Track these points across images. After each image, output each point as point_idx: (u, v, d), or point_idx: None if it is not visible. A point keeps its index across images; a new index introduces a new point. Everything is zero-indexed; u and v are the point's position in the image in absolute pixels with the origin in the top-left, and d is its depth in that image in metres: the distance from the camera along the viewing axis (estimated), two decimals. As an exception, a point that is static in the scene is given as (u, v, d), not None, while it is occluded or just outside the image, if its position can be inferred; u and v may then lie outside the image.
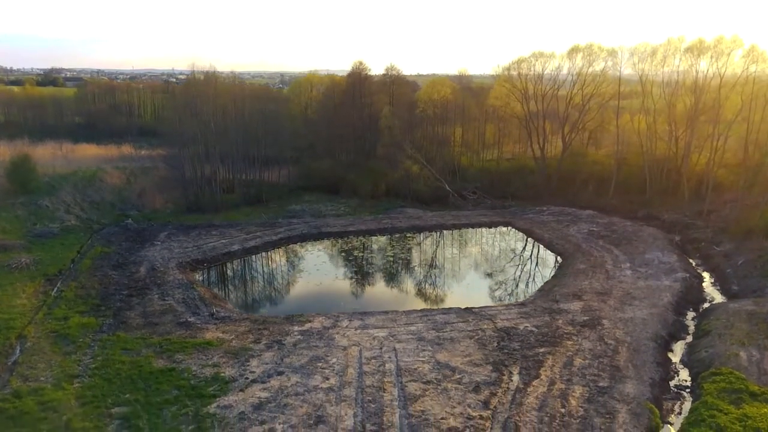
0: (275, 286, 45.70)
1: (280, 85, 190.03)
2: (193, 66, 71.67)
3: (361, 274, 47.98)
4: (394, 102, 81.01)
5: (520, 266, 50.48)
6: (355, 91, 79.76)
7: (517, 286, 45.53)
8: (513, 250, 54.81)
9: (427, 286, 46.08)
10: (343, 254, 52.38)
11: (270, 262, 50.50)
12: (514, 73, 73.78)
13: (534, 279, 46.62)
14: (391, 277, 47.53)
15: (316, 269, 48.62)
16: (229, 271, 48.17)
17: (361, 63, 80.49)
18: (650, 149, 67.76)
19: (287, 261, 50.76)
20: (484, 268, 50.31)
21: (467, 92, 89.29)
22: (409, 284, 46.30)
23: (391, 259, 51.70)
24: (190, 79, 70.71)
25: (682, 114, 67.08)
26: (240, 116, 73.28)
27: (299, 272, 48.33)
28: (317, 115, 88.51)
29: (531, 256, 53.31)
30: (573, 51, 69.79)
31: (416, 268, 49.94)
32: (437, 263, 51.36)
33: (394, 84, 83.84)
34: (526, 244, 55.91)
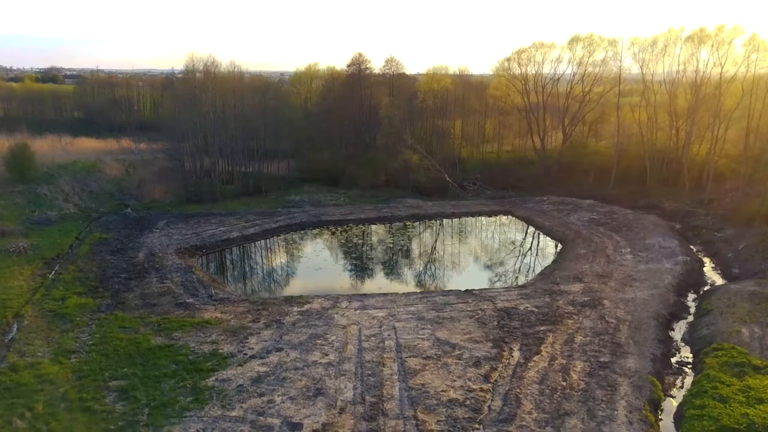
0: (274, 271, 45.49)
1: (280, 84, 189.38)
2: (192, 57, 71.34)
3: (361, 260, 47.81)
4: (394, 93, 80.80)
5: (519, 252, 50.28)
6: (355, 83, 79.55)
7: (517, 270, 45.32)
8: (513, 237, 54.63)
9: (426, 271, 45.89)
10: (342, 241, 52.20)
11: (269, 249, 50.30)
12: (515, 63, 73.61)
13: (534, 264, 46.42)
14: (391, 263, 47.32)
15: (316, 255, 48.50)
16: (227, 257, 47.96)
17: (361, 55, 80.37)
18: (651, 140, 67.57)
19: (286, 247, 50.55)
20: (483, 254, 50.17)
21: (467, 86, 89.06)
22: (408, 269, 46.08)
23: (391, 245, 51.55)
24: (189, 68, 70.35)
25: (682, 104, 66.95)
26: (240, 107, 73.09)
27: (298, 258, 48.19)
28: (317, 107, 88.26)
29: (531, 242, 53.13)
30: (573, 41, 69.68)
31: (416, 254, 49.76)
32: (437, 250, 51.19)
33: (394, 76, 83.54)
34: (526, 232, 55.72)
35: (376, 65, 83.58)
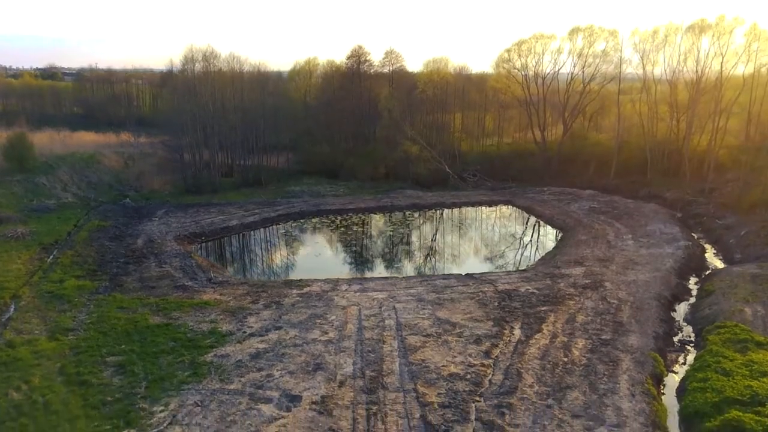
0: (273, 257, 45.27)
1: (279, 82, 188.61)
2: (191, 48, 71.11)
3: (361, 247, 47.63)
4: (393, 84, 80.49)
5: (520, 239, 50.11)
6: (354, 75, 79.26)
7: (518, 256, 45.12)
8: (513, 225, 54.48)
9: (427, 257, 45.65)
10: (342, 229, 51.95)
11: (268, 236, 50.10)
12: (515, 54, 73.38)
13: (535, 251, 46.25)
14: (391, 250, 47.09)
15: (315, 243, 48.39)
16: (227, 244, 47.71)
17: (360, 47, 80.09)
18: (651, 131, 67.34)
19: (285, 235, 50.30)
20: (484, 241, 50.00)
21: (468, 81, 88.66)
22: (408, 256, 45.88)
23: (391, 233, 51.37)
24: (188, 58, 70.03)
25: (683, 95, 66.74)
26: (239, 99, 72.93)
27: (298, 245, 48.01)
28: (317, 100, 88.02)
29: (531, 230, 52.93)
30: (573, 32, 69.43)
31: (416, 241, 49.59)
32: (437, 237, 51.00)
33: (394, 69, 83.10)
34: (527, 221, 55.53)
35: (376, 58, 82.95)
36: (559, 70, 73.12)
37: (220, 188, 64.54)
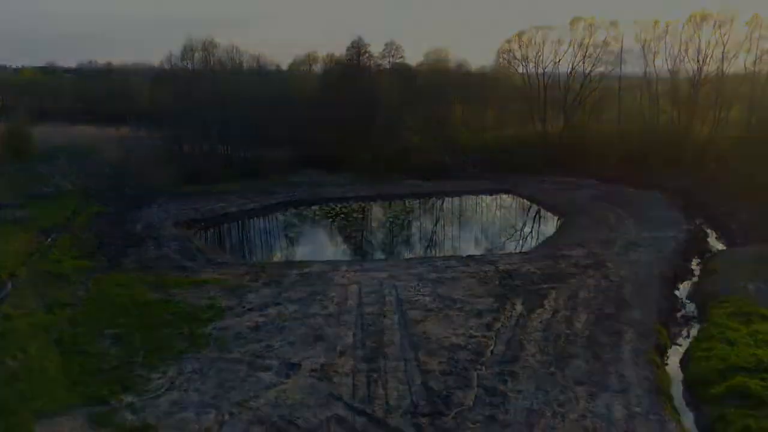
0: (273, 242, 45.14)
1: (279, 80, 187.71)
2: (190, 38, 70.85)
3: (360, 233, 47.46)
4: (393, 75, 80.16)
5: (520, 225, 49.92)
6: (354, 67, 78.88)
7: (518, 240, 44.91)
8: (514, 212, 54.42)
9: (427, 242, 45.43)
10: (341, 216, 51.69)
11: (267, 222, 49.92)
12: (515, 45, 73.23)
13: (536, 235, 46.11)
14: (391, 235, 46.88)
15: (315, 229, 48.22)
16: (226, 230, 47.57)
17: (360, 39, 79.68)
18: (652, 121, 67.14)
19: (285, 221, 50.10)
20: (484, 227, 49.81)
21: (468, 75, 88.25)
22: (409, 241, 45.69)
23: (391, 219, 51.19)
24: (187, 47, 69.67)
25: (685, 85, 66.57)
26: (238, 91, 72.62)
27: (297, 230, 47.81)
28: (316, 93, 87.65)
29: (532, 217, 52.74)
30: (575, 22, 69.28)
31: (416, 227, 49.41)
32: (437, 224, 50.85)
33: (393, 59, 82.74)
34: (527, 208, 55.34)
35: (376, 51, 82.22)
36: (560, 60, 72.97)
37: (219, 179, 64.18)
